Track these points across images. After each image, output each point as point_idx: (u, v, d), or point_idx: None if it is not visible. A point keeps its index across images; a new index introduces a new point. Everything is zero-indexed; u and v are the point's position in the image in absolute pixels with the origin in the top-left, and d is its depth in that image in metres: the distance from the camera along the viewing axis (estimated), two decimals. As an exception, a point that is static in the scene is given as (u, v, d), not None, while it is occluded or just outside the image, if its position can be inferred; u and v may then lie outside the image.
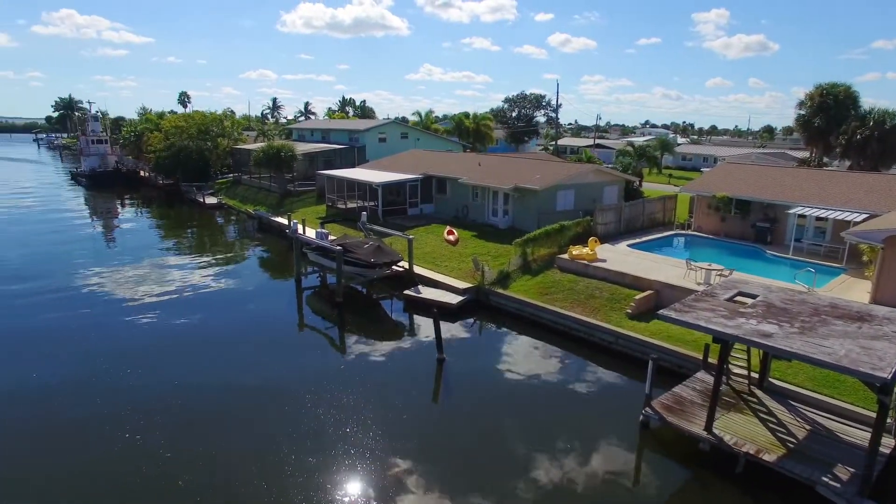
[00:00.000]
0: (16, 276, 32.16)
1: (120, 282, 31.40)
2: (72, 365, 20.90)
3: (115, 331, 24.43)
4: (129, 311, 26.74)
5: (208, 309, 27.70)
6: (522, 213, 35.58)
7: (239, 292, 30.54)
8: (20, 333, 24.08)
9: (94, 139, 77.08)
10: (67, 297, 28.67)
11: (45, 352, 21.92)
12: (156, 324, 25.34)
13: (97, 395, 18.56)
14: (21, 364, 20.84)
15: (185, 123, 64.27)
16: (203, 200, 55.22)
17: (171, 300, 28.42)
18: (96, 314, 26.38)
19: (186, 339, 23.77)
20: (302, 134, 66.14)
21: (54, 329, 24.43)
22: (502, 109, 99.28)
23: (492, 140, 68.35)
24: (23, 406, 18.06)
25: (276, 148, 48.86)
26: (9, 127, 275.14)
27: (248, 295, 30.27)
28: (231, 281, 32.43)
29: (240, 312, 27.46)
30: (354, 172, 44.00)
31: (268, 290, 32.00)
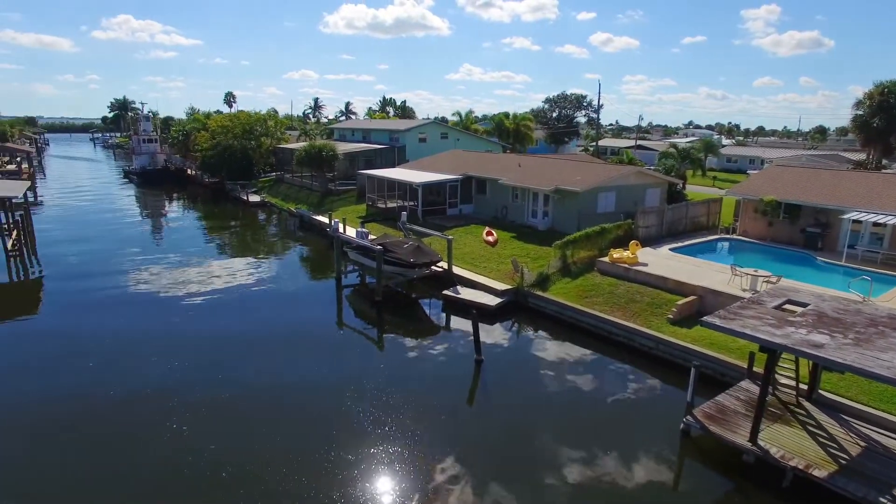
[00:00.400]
0: (74, 273, 33.70)
1: (166, 278, 32.49)
2: (120, 361, 21.76)
3: (161, 326, 25.29)
4: (174, 307, 27.66)
5: (250, 306, 28.39)
6: (562, 214, 35.24)
7: (280, 290, 31.21)
8: (77, 331, 25.23)
9: (145, 139, 79.84)
10: (117, 293, 29.87)
11: (94, 346, 22.92)
12: (199, 320, 26.21)
13: (146, 386, 19.30)
14: (73, 358, 21.84)
15: (230, 123, 65.99)
16: (247, 198, 56.61)
17: (213, 297, 29.27)
18: (143, 312, 27.36)
19: (228, 336, 24.38)
20: (343, 134, 67.10)
21: (105, 325, 25.49)
22: (542, 110, 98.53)
23: (532, 141, 67.89)
24: (70, 392, 18.93)
25: (317, 147, 49.70)
26: (69, 127, 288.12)
27: (288, 292, 30.90)
28: (272, 278, 33.21)
29: (280, 310, 28.03)
30: (394, 172, 44.39)
31: (308, 287, 32.64)
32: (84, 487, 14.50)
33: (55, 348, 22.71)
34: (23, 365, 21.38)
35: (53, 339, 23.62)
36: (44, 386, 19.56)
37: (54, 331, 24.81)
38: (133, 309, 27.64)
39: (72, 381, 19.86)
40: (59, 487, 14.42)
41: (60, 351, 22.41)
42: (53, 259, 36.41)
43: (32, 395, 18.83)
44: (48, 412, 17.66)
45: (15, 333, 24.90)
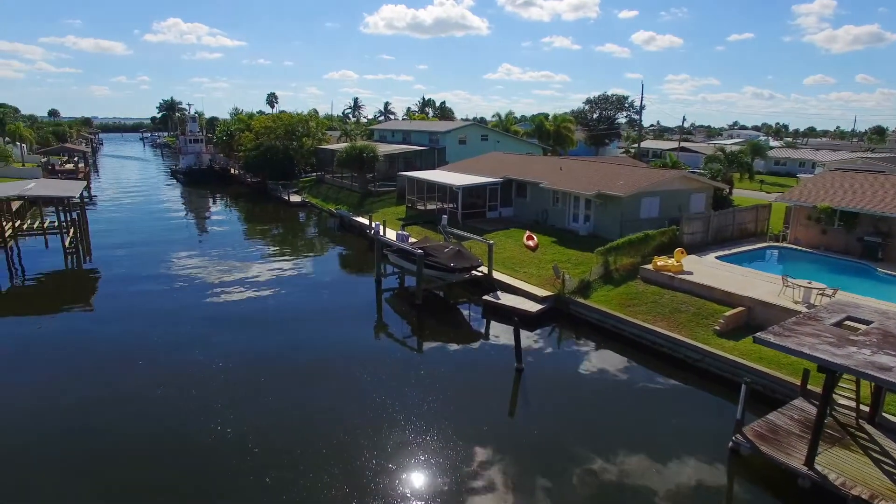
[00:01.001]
0: (124, 273, 34.95)
1: (209, 277, 33.33)
2: (163, 358, 22.39)
3: (202, 329, 25.89)
4: (215, 309, 28.27)
5: (290, 306, 28.83)
6: (604, 220, 34.64)
7: (320, 291, 31.65)
8: (134, 312, 26.33)
9: (192, 139, 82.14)
10: (163, 290, 30.78)
11: (142, 327, 23.65)
12: (236, 327, 26.00)
13: (189, 392, 19.79)
14: (127, 337, 22.61)
15: (273, 124, 67.24)
16: (288, 199, 57.59)
17: (253, 297, 29.92)
18: (187, 308, 28.11)
19: (268, 339, 24.77)
20: (383, 135, 67.60)
21: (156, 312, 26.30)
22: (583, 111, 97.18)
23: (573, 143, 67.07)
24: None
25: (358, 149, 50.17)
26: (120, 127, 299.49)
27: (329, 294, 31.29)
28: (313, 280, 33.70)
29: (321, 313, 28.37)
30: (435, 174, 44.44)
31: (348, 289, 32.89)
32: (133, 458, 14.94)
33: (107, 341, 23.55)
34: (81, 349, 22.61)
35: (106, 332, 24.52)
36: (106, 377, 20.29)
37: (107, 321, 25.94)
38: (177, 304, 28.65)
39: (125, 377, 20.55)
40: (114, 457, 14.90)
41: (111, 345, 23.22)
42: (106, 256, 38.00)
43: (98, 377, 19.56)
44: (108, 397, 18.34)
45: (71, 323, 26.24)
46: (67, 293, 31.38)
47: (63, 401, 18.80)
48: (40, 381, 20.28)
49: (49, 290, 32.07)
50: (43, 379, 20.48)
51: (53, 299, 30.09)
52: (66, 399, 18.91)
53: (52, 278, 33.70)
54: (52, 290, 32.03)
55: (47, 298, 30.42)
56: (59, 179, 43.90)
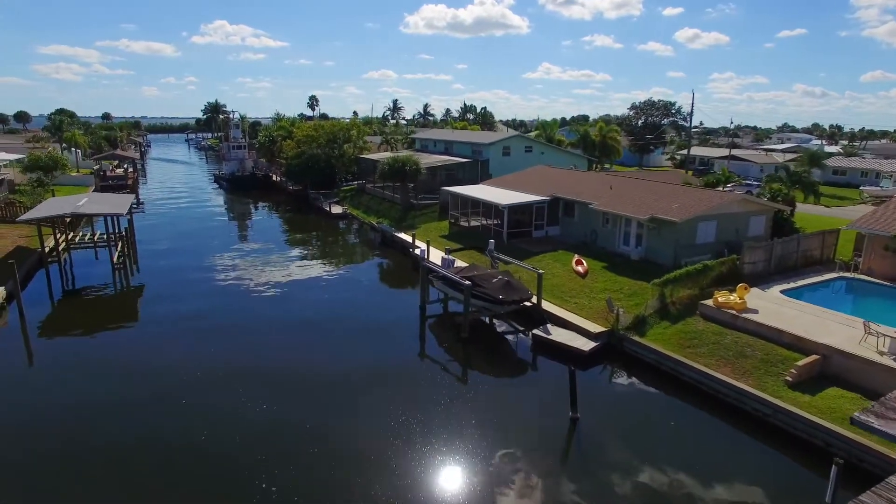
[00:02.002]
0: (170, 291, 35.18)
1: (248, 296, 33.46)
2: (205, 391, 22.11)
3: (244, 357, 25.57)
4: (254, 330, 28.01)
5: (331, 330, 28.56)
6: (658, 244, 33.08)
7: (362, 312, 31.18)
8: (180, 317, 26.38)
9: (235, 145, 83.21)
10: (206, 310, 30.74)
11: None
12: (277, 351, 25.86)
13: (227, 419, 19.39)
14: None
15: (314, 133, 67.38)
16: (329, 209, 57.49)
17: (293, 319, 30.03)
18: (229, 324, 27.93)
19: (308, 369, 24.25)
20: (424, 143, 66.99)
21: (201, 316, 26.21)
22: (627, 117, 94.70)
23: (619, 153, 65.08)
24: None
25: (400, 161, 49.60)
26: (167, 128, 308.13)
27: (371, 316, 30.70)
28: (355, 299, 33.26)
29: (362, 338, 27.75)
30: (479, 191, 43.46)
31: (391, 311, 32.19)
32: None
33: (148, 363, 23.46)
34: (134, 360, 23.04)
35: (146, 352, 24.48)
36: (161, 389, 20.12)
37: (149, 340, 26.15)
38: (219, 320, 29.41)
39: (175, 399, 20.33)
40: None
41: (152, 369, 23.11)
42: (152, 267, 39.52)
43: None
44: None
45: (117, 339, 26.58)
46: (113, 306, 32.28)
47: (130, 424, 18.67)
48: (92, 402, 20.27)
49: (98, 305, 32.70)
50: (97, 398, 20.47)
51: (101, 315, 30.72)
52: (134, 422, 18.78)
53: (102, 297, 34.18)
54: (100, 305, 32.69)
55: (96, 314, 31.03)
56: (109, 193, 44.57)
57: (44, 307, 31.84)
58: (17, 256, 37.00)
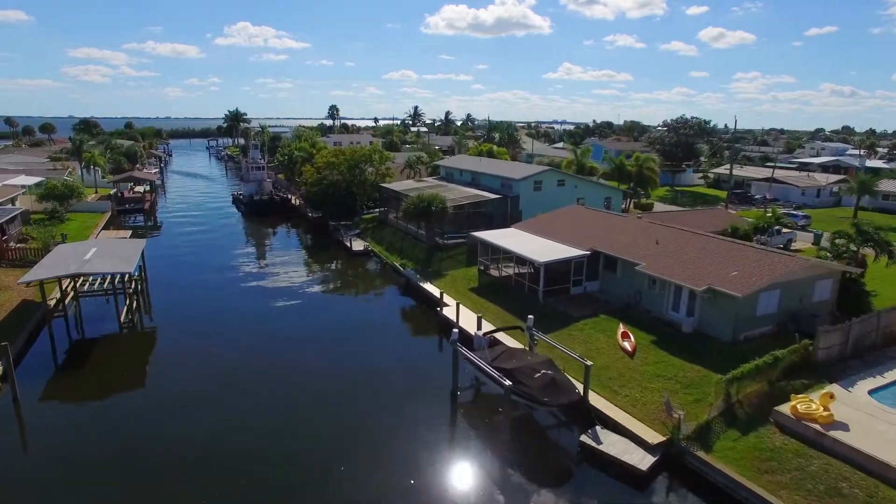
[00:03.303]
0: (184, 323, 32.96)
1: (261, 350, 32.51)
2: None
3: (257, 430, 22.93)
4: (266, 394, 25.37)
5: (350, 405, 26.80)
6: (713, 315, 29.70)
7: (386, 389, 28.47)
8: (187, 379, 23.58)
9: (254, 166, 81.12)
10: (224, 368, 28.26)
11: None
12: (294, 422, 24.68)
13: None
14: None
15: (335, 159, 64.83)
16: (350, 245, 54.78)
17: (310, 385, 28.78)
18: (242, 378, 25.35)
19: (325, 447, 22.28)
20: (450, 172, 63.97)
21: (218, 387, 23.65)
22: (660, 135, 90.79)
23: (655, 184, 61.35)
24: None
25: (426, 200, 46.71)
26: (189, 133, 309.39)
27: (397, 393, 28.05)
28: (379, 370, 30.37)
29: (386, 413, 25.87)
30: (511, 239, 40.28)
31: (419, 387, 29.16)
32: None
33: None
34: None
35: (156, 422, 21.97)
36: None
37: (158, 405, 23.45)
38: (231, 384, 28.66)
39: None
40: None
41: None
42: (165, 312, 39.46)
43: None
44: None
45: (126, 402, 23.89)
46: (121, 372, 30.67)
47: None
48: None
49: (103, 366, 31.18)
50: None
51: (105, 381, 29.41)
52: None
53: (108, 358, 32.39)
54: (106, 367, 31.13)
55: (100, 379, 29.69)
56: (120, 238, 42.47)
57: (44, 373, 30.02)
58: (21, 314, 35.11)
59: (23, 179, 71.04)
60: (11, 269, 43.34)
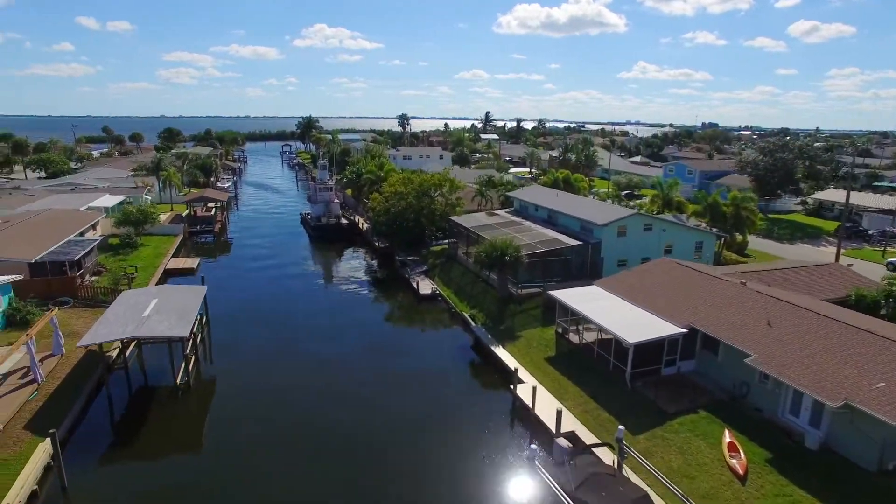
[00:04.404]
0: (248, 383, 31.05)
1: (325, 405, 28.67)
2: None
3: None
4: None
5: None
6: (850, 435, 24.53)
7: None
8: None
9: (322, 187, 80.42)
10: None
11: None
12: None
13: None
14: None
15: (404, 189, 62.32)
16: (417, 287, 51.94)
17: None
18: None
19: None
20: (524, 206, 59.99)
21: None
22: (754, 160, 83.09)
23: (755, 226, 54.95)
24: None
25: (499, 249, 43.15)
26: (265, 136, 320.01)
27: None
28: (444, 480, 27.04)
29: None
30: (593, 305, 36.01)
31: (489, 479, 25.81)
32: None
33: None
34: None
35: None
36: None
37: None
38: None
39: None
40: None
41: None
42: (227, 358, 39.53)
43: None
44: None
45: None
46: (178, 432, 30.46)
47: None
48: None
49: (161, 425, 30.99)
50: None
51: (161, 442, 29.28)
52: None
53: (166, 415, 32.02)
54: (164, 425, 31.00)
55: (156, 439, 29.53)
56: (183, 285, 41.60)
57: (97, 446, 29.12)
58: (84, 367, 34.37)
59: (106, 200, 73.16)
60: (83, 308, 43.42)
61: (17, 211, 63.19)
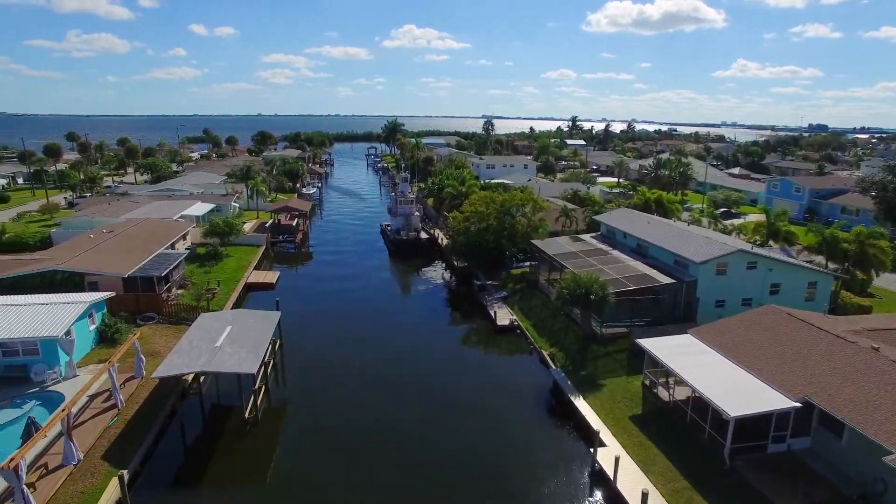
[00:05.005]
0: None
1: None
2: None
3: None
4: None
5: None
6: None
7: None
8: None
9: (402, 200, 79.85)
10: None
11: None
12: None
13: None
14: None
15: (485, 209, 60.19)
16: (494, 315, 49.62)
17: None
18: None
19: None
20: (612, 232, 56.16)
21: None
22: (881, 179, 74.11)
23: (884, 267, 48.04)
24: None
25: (583, 286, 40.04)
26: (352, 137, 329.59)
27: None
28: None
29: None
30: (688, 361, 32.29)
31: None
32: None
33: None
34: None
35: None
36: None
37: None
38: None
39: None
40: None
41: None
42: (300, 379, 39.88)
43: None
44: None
45: None
46: (247, 461, 30.42)
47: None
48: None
49: (229, 453, 31.10)
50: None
51: (228, 473, 29.47)
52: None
53: (236, 441, 32.20)
54: (233, 454, 31.09)
55: (225, 470, 29.68)
56: (256, 311, 41.53)
57: (171, 469, 29.95)
58: (161, 392, 34.85)
59: (197, 208, 76.36)
60: (166, 326, 44.64)
61: (121, 219, 66.92)
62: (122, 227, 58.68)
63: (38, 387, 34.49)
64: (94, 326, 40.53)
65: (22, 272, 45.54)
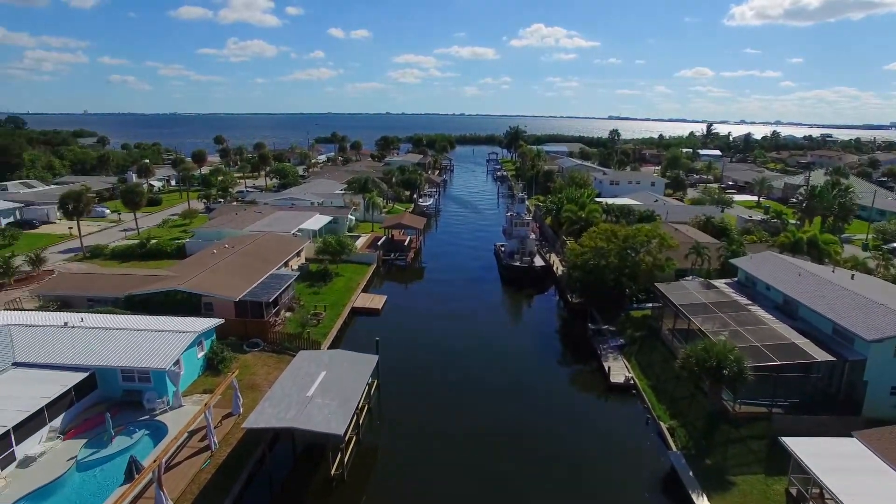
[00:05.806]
0: None
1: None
2: None
3: None
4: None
5: None
6: None
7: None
8: None
9: (518, 222, 76.41)
10: None
11: None
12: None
13: None
14: None
15: (606, 245, 54.98)
16: (608, 370, 44.72)
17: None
18: None
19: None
20: (751, 280, 48.63)
21: None
22: None
23: None
24: None
25: (714, 358, 34.27)
26: (474, 139, 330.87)
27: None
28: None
29: None
30: (854, 483, 25.90)
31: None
32: None
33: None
34: None
35: None
36: None
37: None
38: None
39: None
40: None
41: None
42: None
43: None
44: None
45: None
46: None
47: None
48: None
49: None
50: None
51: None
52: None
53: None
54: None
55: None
56: (349, 362, 39.14)
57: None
58: (252, 437, 34.39)
59: (315, 221, 78.41)
60: (269, 354, 44.96)
61: (244, 231, 70.17)
62: (241, 244, 60.85)
63: (148, 414, 35.67)
64: (203, 354, 41.54)
65: (150, 290, 48.32)
